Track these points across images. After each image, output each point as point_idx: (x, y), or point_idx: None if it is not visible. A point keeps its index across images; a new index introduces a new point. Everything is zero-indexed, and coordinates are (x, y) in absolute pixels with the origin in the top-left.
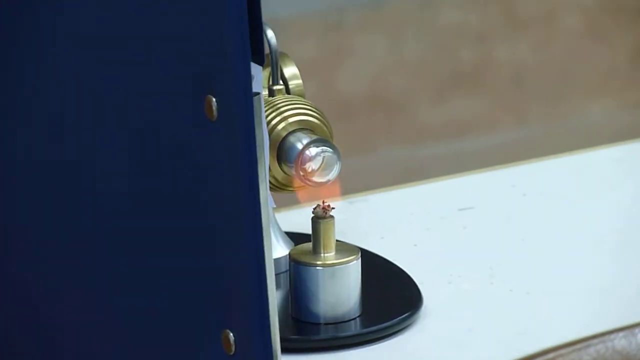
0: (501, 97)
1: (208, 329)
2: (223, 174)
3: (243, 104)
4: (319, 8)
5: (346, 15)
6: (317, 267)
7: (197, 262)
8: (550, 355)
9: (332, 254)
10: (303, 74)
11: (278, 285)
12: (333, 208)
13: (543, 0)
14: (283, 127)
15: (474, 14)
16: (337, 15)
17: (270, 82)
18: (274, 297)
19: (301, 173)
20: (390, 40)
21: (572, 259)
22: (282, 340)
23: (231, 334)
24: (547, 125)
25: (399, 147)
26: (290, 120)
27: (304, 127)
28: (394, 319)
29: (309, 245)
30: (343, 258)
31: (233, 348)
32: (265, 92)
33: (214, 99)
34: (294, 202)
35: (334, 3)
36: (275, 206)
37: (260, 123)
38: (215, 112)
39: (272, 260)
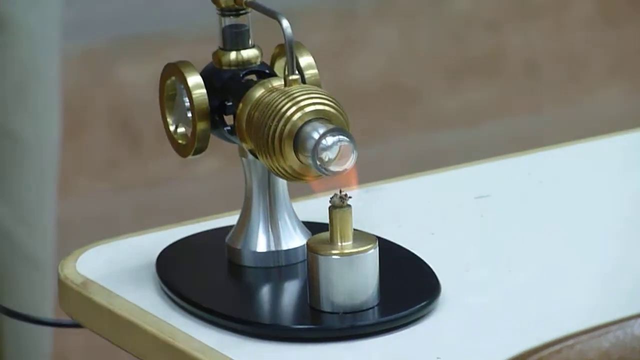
0: (515, 85)
1: None
2: None
3: None
4: None
5: (358, 4)
6: (335, 257)
7: None
8: (570, 342)
9: (350, 243)
10: (316, 63)
11: (296, 275)
12: (350, 197)
13: None
14: (299, 117)
15: (486, 1)
16: (349, 4)
17: (286, 72)
18: None
19: (318, 163)
20: (403, 29)
21: (589, 246)
22: (300, 330)
23: None
24: (562, 112)
25: (413, 135)
26: (307, 110)
27: (320, 116)
28: (412, 307)
29: (326, 235)
30: (360, 247)
31: None
32: (281, 82)
33: None
34: (310, 192)
35: None
36: None
37: None
38: None
39: None
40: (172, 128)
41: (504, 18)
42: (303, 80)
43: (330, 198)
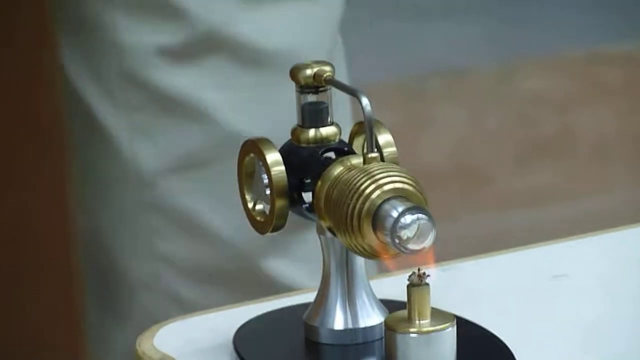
0: (584, 165)
1: None
2: None
3: None
4: (400, 77)
5: (427, 85)
6: (413, 335)
7: None
8: None
9: (427, 321)
10: None
11: (373, 353)
12: (428, 276)
13: (625, 67)
14: (378, 195)
15: (555, 82)
16: (418, 84)
17: (365, 150)
18: None
19: (396, 241)
20: (471, 109)
21: None
22: None
23: None
24: (632, 193)
25: (482, 215)
26: (386, 188)
27: (399, 194)
28: None
29: (404, 313)
30: (438, 325)
31: None
32: (359, 160)
33: None
34: (387, 270)
35: (415, 72)
36: None
37: None
38: None
39: None
40: (250, 205)
41: (573, 98)
42: (382, 158)
43: (409, 276)
